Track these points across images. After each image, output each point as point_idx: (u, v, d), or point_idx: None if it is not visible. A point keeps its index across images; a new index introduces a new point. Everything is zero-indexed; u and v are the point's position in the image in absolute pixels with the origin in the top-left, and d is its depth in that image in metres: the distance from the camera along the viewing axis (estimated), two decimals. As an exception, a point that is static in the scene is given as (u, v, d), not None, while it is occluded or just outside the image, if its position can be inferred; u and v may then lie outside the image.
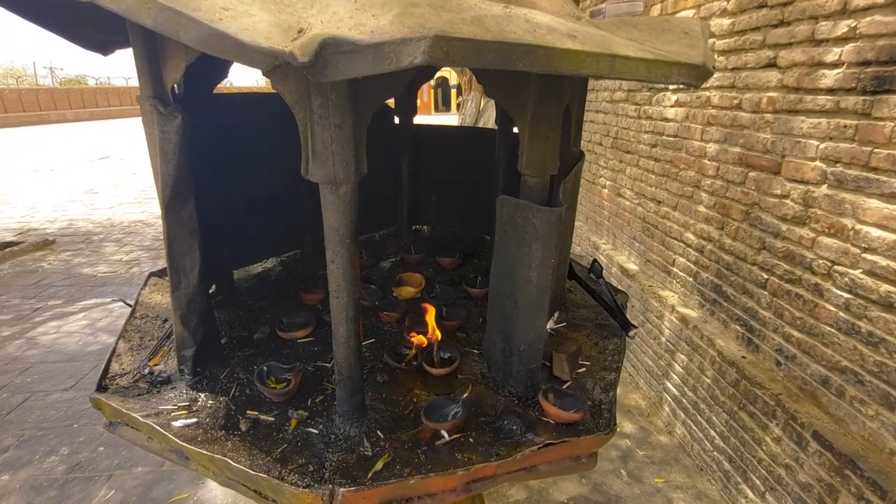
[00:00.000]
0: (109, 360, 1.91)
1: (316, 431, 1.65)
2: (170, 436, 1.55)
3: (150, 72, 1.53)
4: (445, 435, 1.64)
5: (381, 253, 3.00)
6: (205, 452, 1.50)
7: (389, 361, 1.99)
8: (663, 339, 3.85)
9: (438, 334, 2.01)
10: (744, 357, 3.00)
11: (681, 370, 3.64)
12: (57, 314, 5.40)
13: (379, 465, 1.53)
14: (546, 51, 1.07)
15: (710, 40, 3.36)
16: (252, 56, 0.96)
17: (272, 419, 1.71)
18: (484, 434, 1.67)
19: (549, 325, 2.26)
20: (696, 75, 1.25)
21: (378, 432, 1.66)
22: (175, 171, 1.57)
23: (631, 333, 2.07)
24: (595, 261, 2.40)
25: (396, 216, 3.14)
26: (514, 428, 1.68)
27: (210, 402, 1.78)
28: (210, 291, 2.43)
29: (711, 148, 3.37)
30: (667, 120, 3.90)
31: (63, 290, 5.98)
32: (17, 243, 6.88)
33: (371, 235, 3.21)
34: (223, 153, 2.17)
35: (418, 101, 3.10)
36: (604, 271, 2.41)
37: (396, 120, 2.94)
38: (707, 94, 3.43)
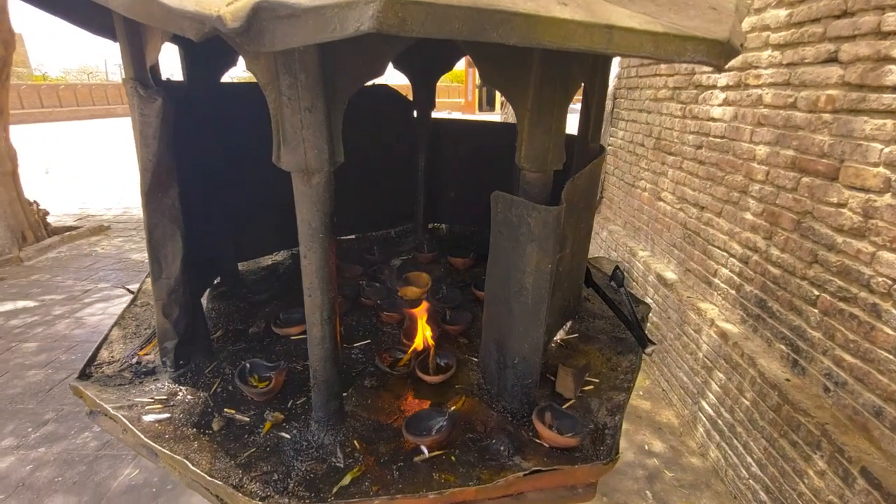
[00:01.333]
0: (99, 347, 1.88)
1: (288, 437, 1.55)
2: (136, 430, 1.48)
3: (132, 53, 1.46)
4: (425, 451, 1.49)
5: (393, 250, 2.88)
6: (166, 451, 1.42)
7: (380, 366, 1.85)
8: (700, 354, 3.54)
9: (430, 340, 1.86)
10: (788, 380, 2.68)
11: (718, 389, 3.33)
12: (104, 297, 5.63)
13: (346, 480, 1.40)
14: (526, 19, 0.89)
15: (764, 33, 3.04)
16: (179, 22, 0.85)
17: (247, 420, 1.62)
18: (468, 453, 1.51)
19: (559, 335, 2.06)
20: (716, 52, 1.03)
21: (355, 442, 1.54)
22: (155, 157, 1.50)
23: (648, 350, 1.84)
24: (617, 268, 2.18)
25: (413, 213, 3.01)
26: (502, 449, 1.50)
27: (189, 396, 1.70)
28: (214, 282, 2.39)
29: (761, 150, 3.05)
30: (713, 120, 3.58)
31: (112, 273, 6.25)
32: (75, 228, 7.27)
33: (386, 232, 3.10)
34: (233, 142, 2.11)
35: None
36: (626, 279, 2.18)
37: (414, 113, 2.81)
38: (759, 91, 3.10)
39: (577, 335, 2.08)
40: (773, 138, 2.94)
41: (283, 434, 1.55)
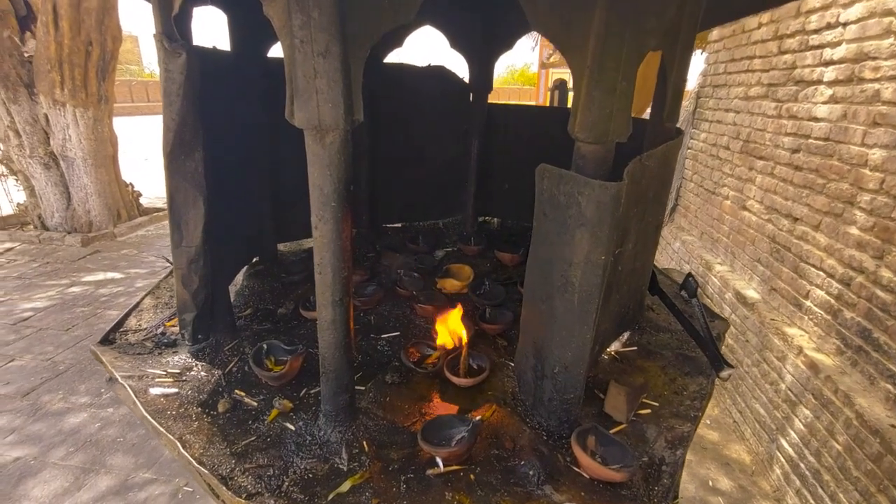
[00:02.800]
0: (128, 314, 1.81)
1: (293, 428, 1.37)
2: (137, 402, 1.36)
3: (161, 8, 1.35)
4: (440, 464, 1.26)
5: (439, 241, 2.66)
6: (161, 429, 1.28)
7: (405, 361, 1.64)
8: (783, 385, 3.02)
9: (465, 339, 1.61)
10: (893, 426, 2.18)
11: (802, 427, 2.81)
12: (179, 273, 5.88)
13: (346, 487, 1.19)
14: None
15: (886, 19, 2.53)
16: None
17: (255, 405, 1.46)
18: (491, 473, 1.25)
19: (614, 346, 1.74)
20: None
21: (364, 443, 1.33)
22: (178, 116, 1.38)
23: (724, 374, 1.49)
24: (690, 276, 1.82)
25: (463, 204, 2.79)
26: (531, 473, 1.23)
27: (203, 373, 1.58)
28: (252, 260, 2.29)
29: (876, 155, 2.53)
30: (816, 119, 3.06)
31: (189, 253, 6.54)
32: (163, 209, 7.74)
33: (434, 223, 2.89)
34: (280, 119, 1.99)
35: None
36: (699, 291, 1.81)
37: (470, 97, 2.58)
38: (876, 86, 2.58)
39: (635, 348, 1.76)
40: (892, 141, 2.43)
41: (289, 425, 1.38)
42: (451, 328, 1.64)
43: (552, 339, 1.29)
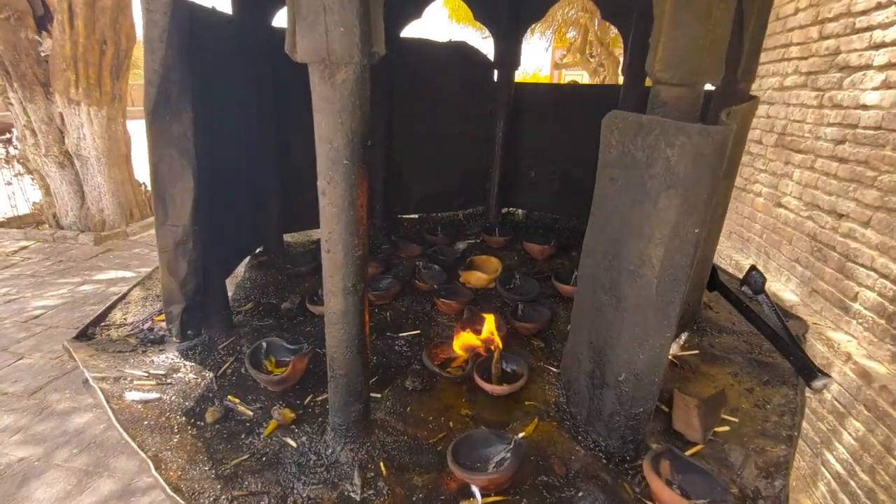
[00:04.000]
0: (111, 307, 1.55)
1: (294, 445, 1.08)
2: (108, 409, 1.09)
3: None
4: (477, 495, 0.97)
5: (460, 233, 2.38)
6: (132, 443, 1.00)
7: (428, 364, 1.35)
8: (829, 395, 2.69)
9: (497, 340, 1.33)
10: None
11: (852, 442, 2.48)
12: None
13: (358, 524, 0.90)
14: None
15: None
16: None
17: (250, 414, 1.18)
18: (540, 506, 0.96)
19: (672, 350, 1.44)
20: None
21: (381, 464, 1.04)
22: (162, 68, 1.11)
23: (818, 385, 1.19)
24: (755, 269, 1.52)
25: (485, 194, 2.50)
26: (593, 509, 0.94)
27: (191, 375, 1.30)
28: (256, 251, 2.03)
29: (941, 141, 2.22)
30: (865, 107, 2.74)
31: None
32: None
33: (454, 214, 2.61)
34: (289, 99, 1.73)
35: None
36: (766, 285, 1.51)
37: (495, 75, 2.31)
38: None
39: (697, 352, 1.46)
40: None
41: (289, 440, 1.10)
42: (477, 333, 1.36)
43: (617, 339, 1.00)
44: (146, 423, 1.11)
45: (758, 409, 1.24)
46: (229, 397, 1.23)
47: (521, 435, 1.07)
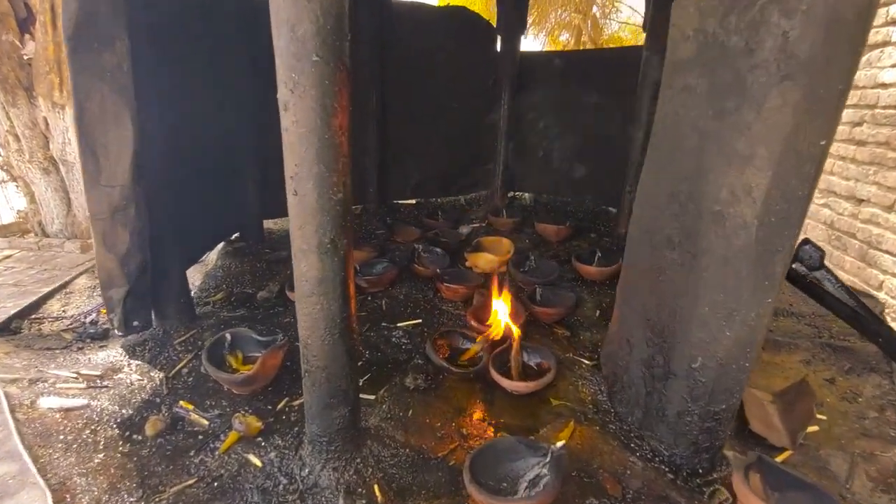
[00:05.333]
0: (47, 297, 1.26)
1: (258, 463, 0.80)
2: (9, 419, 0.80)
3: None
4: (507, 528, 0.68)
5: (462, 217, 2.11)
6: (30, 464, 0.71)
7: (433, 357, 1.07)
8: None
9: (516, 329, 1.05)
10: None
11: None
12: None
13: (342, 580, 0.61)
14: None
15: None
16: None
17: (205, 423, 0.89)
18: (595, 542, 0.67)
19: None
20: None
21: (375, 488, 0.76)
22: (88, -25, 0.84)
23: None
24: (808, 242, 1.25)
25: (488, 177, 2.23)
26: (672, 546, 0.65)
27: (135, 376, 1.01)
28: (232, 237, 1.75)
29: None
30: (884, 86, 2.51)
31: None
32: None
33: (455, 200, 2.34)
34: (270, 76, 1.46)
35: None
36: (825, 259, 1.24)
37: (498, 43, 2.05)
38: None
39: (755, 336, 1.18)
40: None
41: (252, 458, 0.81)
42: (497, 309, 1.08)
43: (690, 311, 0.72)
44: (62, 437, 0.81)
45: (847, 402, 0.97)
46: (181, 403, 0.94)
47: (559, 444, 0.79)
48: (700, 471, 0.80)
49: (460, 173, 2.25)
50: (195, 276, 1.55)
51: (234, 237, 1.73)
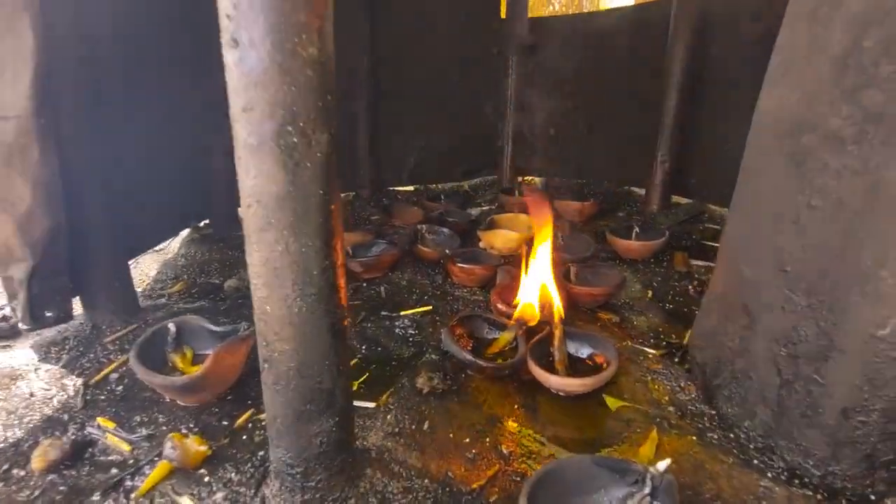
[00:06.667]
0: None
1: (195, 512, 0.50)
2: None
3: None
4: None
5: (469, 201, 1.83)
6: None
7: (453, 349, 0.78)
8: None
9: (559, 311, 0.78)
10: None
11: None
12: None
13: None
14: None
15: None
16: None
17: (128, 449, 0.60)
18: None
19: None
20: None
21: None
22: None
23: None
24: None
25: (496, 156, 1.97)
26: None
27: (42, 384, 0.72)
28: (201, 224, 1.46)
29: None
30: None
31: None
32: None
33: (457, 186, 2.06)
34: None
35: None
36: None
37: (503, 10, 1.81)
38: None
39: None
40: None
41: (185, 502, 0.51)
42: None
43: (878, 248, 0.45)
44: None
45: None
46: (98, 421, 0.65)
47: (661, 463, 0.50)
48: (873, 497, 0.51)
49: (464, 155, 1.98)
50: (150, 266, 1.26)
51: (202, 224, 1.44)
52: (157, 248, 1.34)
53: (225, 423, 0.67)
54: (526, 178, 2.05)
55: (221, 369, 0.70)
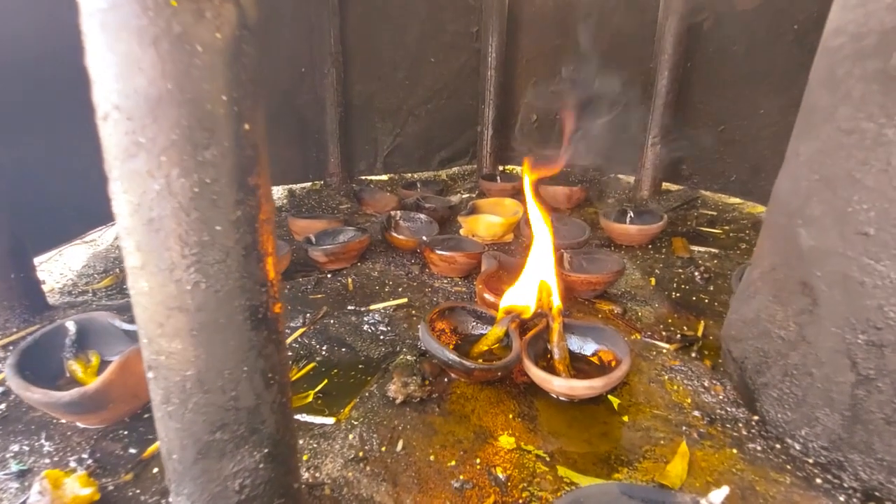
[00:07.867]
0: None
1: None
2: None
3: None
4: None
5: (447, 189, 1.69)
6: None
7: (433, 346, 0.63)
8: None
9: (555, 307, 0.64)
10: None
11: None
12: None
13: None
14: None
15: None
16: None
17: (-22, 498, 0.42)
18: None
19: None
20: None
21: None
22: None
23: None
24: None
25: (475, 142, 1.83)
26: None
27: None
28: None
29: None
30: None
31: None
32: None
33: (434, 175, 1.91)
34: None
35: None
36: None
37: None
38: None
39: None
40: None
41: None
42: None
43: None
44: None
45: None
46: (-46, 454, 0.47)
47: (717, 494, 0.37)
48: None
49: (441, 142, 1.83)
50: (80, 259, 1.06)
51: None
52: (85, 238, 1.14)
53: (132, 450, 0.50)
54: (507, 166, 1.91)
55: (130, 379, 0.53)
